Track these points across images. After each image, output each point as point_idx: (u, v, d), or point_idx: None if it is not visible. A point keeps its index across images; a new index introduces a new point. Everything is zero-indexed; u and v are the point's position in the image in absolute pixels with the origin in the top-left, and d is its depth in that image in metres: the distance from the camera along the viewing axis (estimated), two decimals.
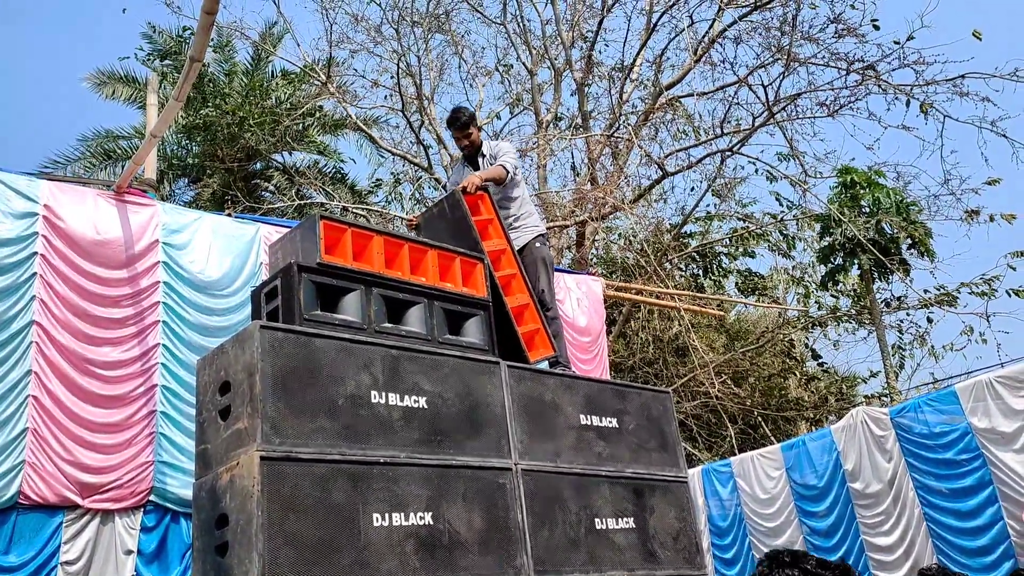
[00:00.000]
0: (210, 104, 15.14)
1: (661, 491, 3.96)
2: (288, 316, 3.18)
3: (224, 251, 6.28)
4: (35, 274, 5.39)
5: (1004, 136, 11.28)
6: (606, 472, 3.75)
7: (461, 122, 4.91)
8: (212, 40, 14.40)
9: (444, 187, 4.76)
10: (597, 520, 3.57)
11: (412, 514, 2.94)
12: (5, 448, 5.02)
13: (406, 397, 3.15)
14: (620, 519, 3.68)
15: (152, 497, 5.47)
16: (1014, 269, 13.66)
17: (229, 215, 6.63)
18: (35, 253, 5.42)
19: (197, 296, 6.02)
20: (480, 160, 4.98)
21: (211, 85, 15.55)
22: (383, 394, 3.08)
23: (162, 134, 5.78)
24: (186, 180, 16.69)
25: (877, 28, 11.84)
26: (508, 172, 4.74)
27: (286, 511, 2.63)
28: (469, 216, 4.19)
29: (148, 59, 16.09)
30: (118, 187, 5.91)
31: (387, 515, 2.87)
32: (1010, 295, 13.71)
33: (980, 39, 10.70)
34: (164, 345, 5.77)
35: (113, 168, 15.66)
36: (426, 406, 3.19)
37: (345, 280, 3.38)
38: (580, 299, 8.36)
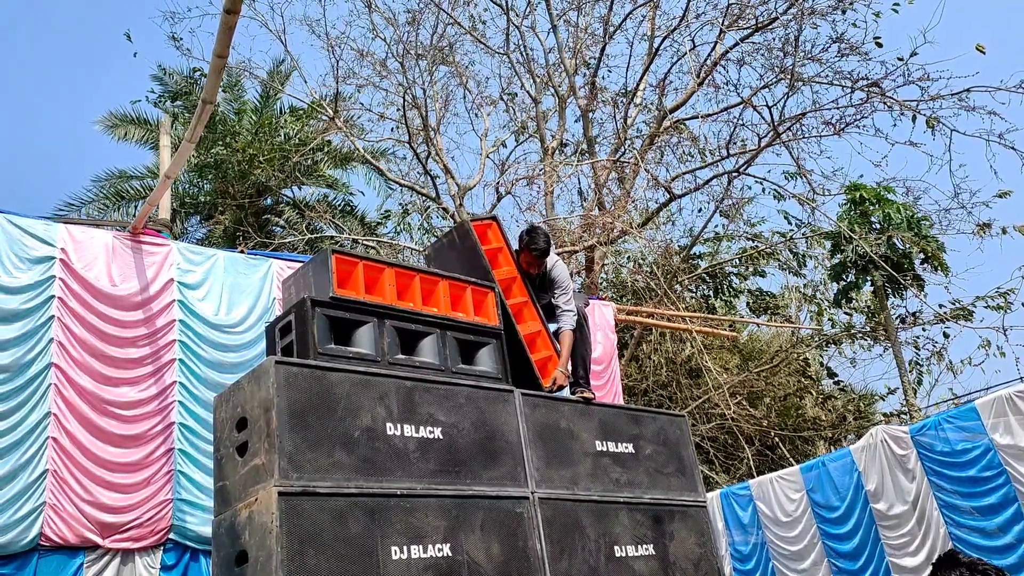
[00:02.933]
0: (220, 143, 15.37)
1: (680, 516, 3.93)
2: (303, 350, 3.21)
3: (238, 288, 6.35)
4: (53, 317, 5.46)
5: (1012, 148, 11.25)
6: (624, 498, 3.73)
7: (541, 250, 4.36)
8: (222, 81, 14.67)
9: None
10: (616, 547, 3.55)
11: (430, 546, 2.94)
12: (26, 491, 5.05)
13: (421, 428, 3.16)
14: (639, 546, 3.65)
15: (172, 535, 5.48)
16: None
17: (242, 252, 6.70)
18: (52, 296, 5.50)
19: (212, 333, 6.08)
20: (536, 279, 4.55)
21: (221, 124, 15.80)
22: (398, 426, 3.09)
23: (176, 175, 5.88)
24: (198, 218, 16.89)
25: (880, 46, 11.91)
26: (573, 332, 4.45)
27: (305, 546, 2.64)
28: (479, 246, 4.21)
29: (160, 100, 16.38)
30: (133, 228, 6.00)
31: (405, 547, 2.86)
32: None
33: (984, 53, 10.73)
34: (181, 383, 5.81)
35: (127, 208, 15.88)
36: (441, 436, 3.20)
37: (358, 313, 3.41)
38: (591, 324, 8.36)
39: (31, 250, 5.54)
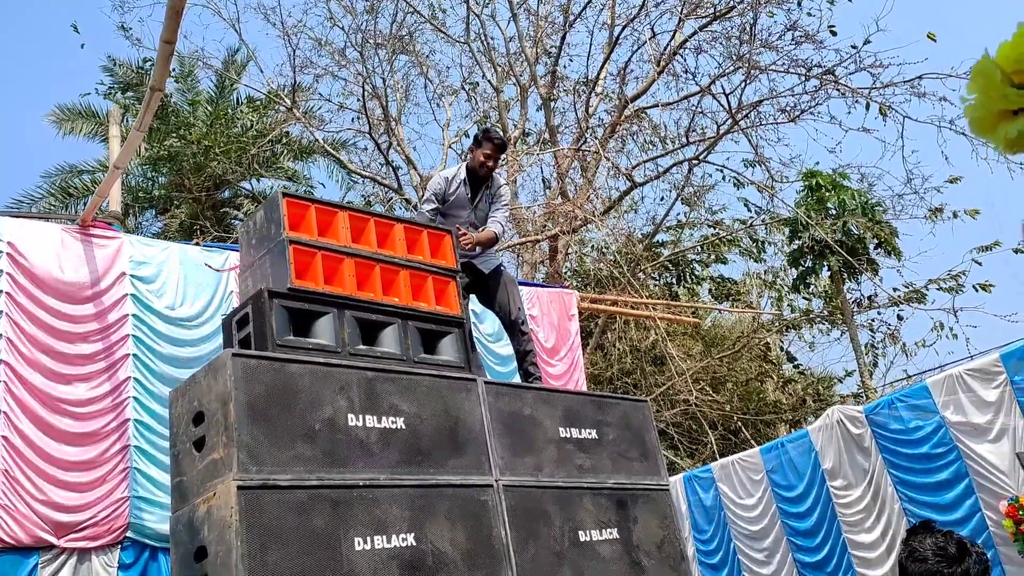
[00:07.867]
0: (174, 134, 15.02)
1: (643, 500, 3.96)
2: (260, 343, 3.16)
3: (193, 281, 6.22)
4: (1, 313, 5.29)
5: (963, 134, 11.52)
6: (588, 484, 3.75)
7: (501, 141, 4.83)
8: (174, 70, 14.33)
9: (436, 197, 4.71)
10: (581, 532, 3.57)
11: (394, 536, 2.92)
12: None
13: (383, 419, 3.13)
14: (604, 530, 3.68)
15: (129, 533, 5.37)
16: (980, 264, 13.97)
17: (197, 245, 6.56)
18: (0, 292, 5.33)
19: (167, 328, 5.95)
20: (482, 189, 4.85)
21: (175, 116, 15.44)
22: (360, 417, 3.06)
23: (125, 165, 5.73)
24: (153, 212, 16.52)
25: (834, 34, 12.11)
26: (498, 238, 4.79)
27: (266, 540, 2.60)
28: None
29: (110, 93, 15.94)
30: (83, 221, 5.84)
31: (369, 538, 2.84)
32: (976, 290, 14.01)
33: (935, 40, 10.96)
34: (135, 379, 5.68)
35: (76, 204, 15.44)
36: (404, 426, 3.17)
37: (317, 304, 3.36)
38: (553, 312, 8.38)
39: None
